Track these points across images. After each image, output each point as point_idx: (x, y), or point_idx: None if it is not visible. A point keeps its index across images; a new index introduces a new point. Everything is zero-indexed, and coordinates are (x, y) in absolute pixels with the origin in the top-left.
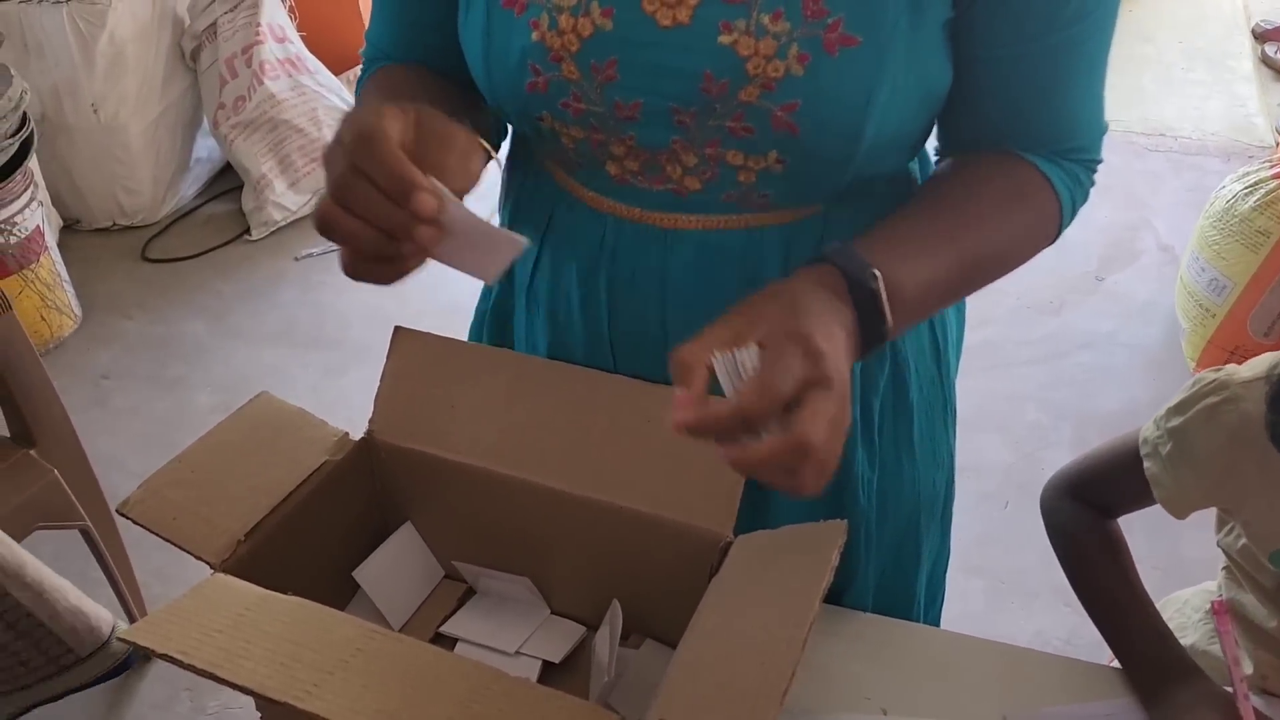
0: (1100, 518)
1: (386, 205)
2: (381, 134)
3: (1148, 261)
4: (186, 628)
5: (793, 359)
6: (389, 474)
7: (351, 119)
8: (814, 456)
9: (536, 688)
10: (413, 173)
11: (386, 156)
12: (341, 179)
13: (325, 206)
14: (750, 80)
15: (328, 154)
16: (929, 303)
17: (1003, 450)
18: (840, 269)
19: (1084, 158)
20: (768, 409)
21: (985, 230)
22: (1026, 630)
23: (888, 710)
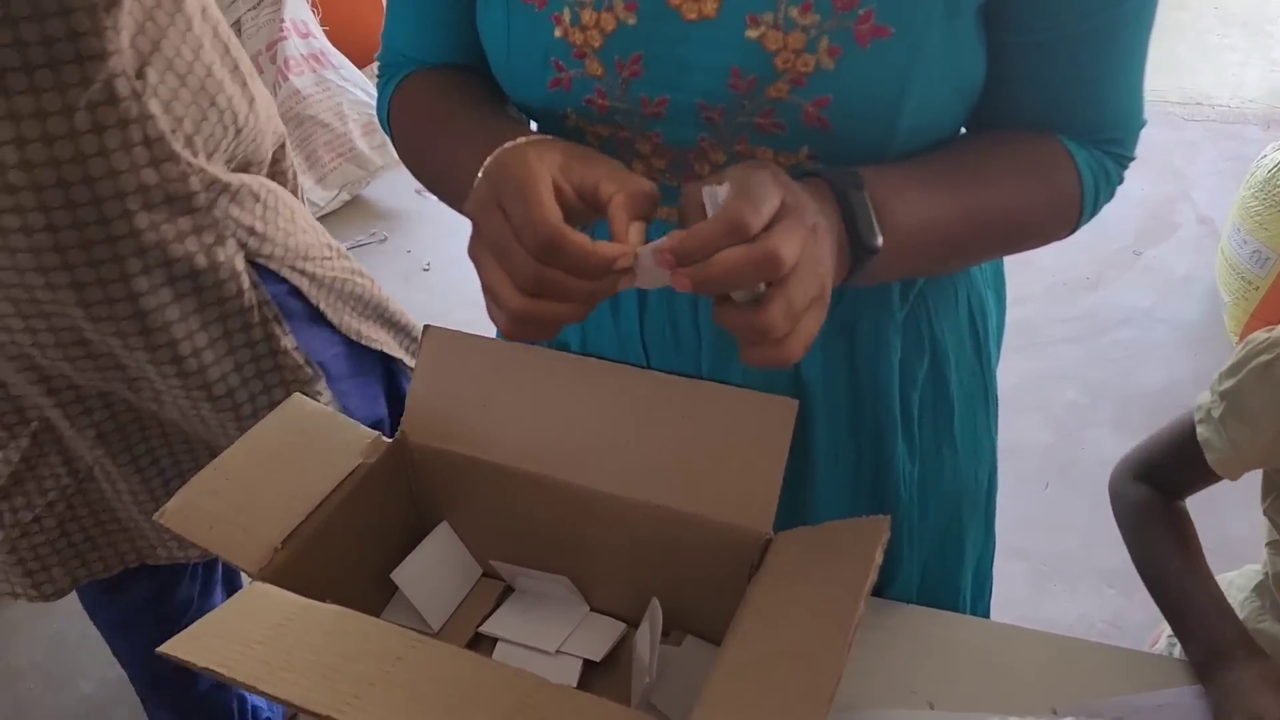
0: (1166, 499)
1: (588, 284)
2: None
3: (1186, 234)
4: (227, 640)
5: (766, 180)
6: (423, 475)
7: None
8: (786, 280)
9: (580, 695)
10: (607, 252)
11: (580, 252)
12: (539, 278)
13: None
14: (779, 75)
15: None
16: (928, 244)
17: (1042, 431)
18: (823, 177)
19: (1115, 151)
20: (756, 217)
21: (996, 187)
22: (1070, 614)
23: (934, 704)
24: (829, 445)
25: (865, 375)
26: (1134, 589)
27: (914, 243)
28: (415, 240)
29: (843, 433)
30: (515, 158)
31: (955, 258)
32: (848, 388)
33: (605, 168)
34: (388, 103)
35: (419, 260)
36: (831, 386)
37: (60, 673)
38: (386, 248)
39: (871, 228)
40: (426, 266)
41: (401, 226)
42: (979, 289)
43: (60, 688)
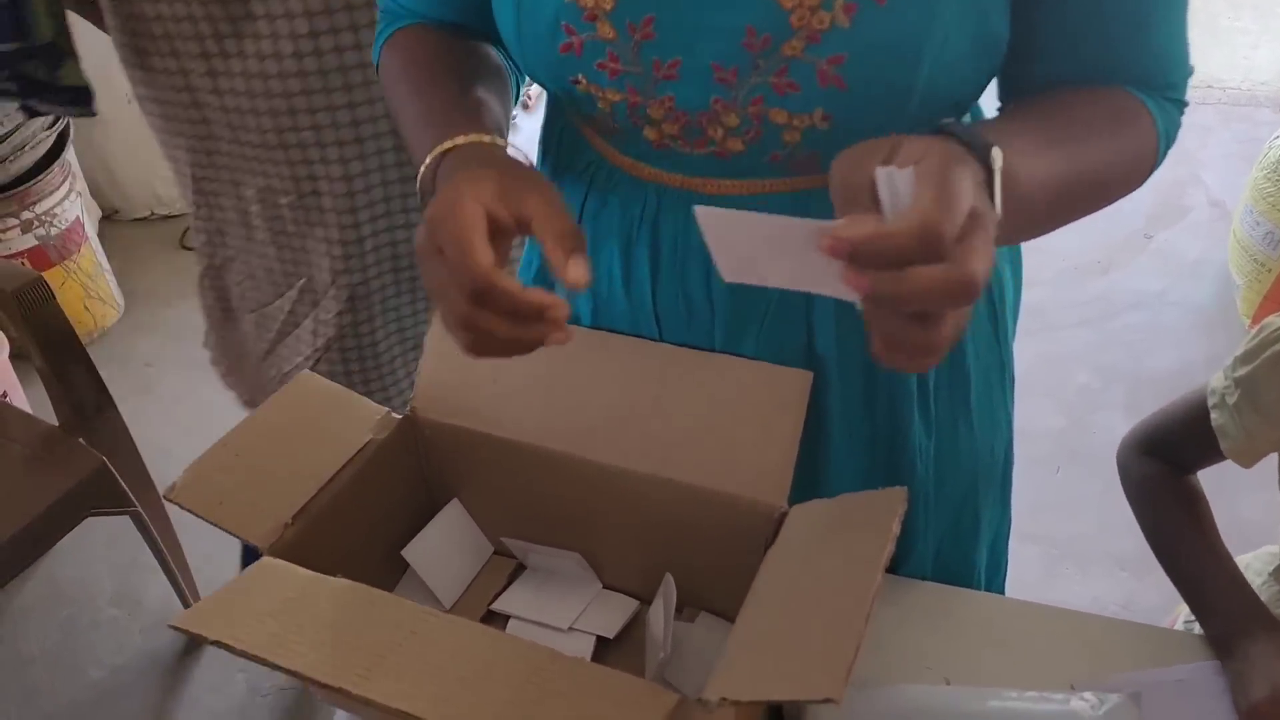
0: (1174, 472)
1: (522, 328)
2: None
3: (1198, 217)
4: (237, 613)
5: (968, 181)
6: (434, 451)
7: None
8: (970, 301)
9: (593, 667)
10: (535, 300)
11: (506, 298)
12: (470, 319)
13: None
14: (794, 33)
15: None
16: (1038, 208)
17: (1053, 415)
18: (962, 141)
19: (1174, 96)
20: (950, 225)
21: (1092, 144)
22: (1083, 597)
23: (950, 679)
24: (844, 418)
25: None
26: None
27: (1023, 209)
28: None
29: (858, 405)
30: (450, 203)
31: (1050, 222)
32: (863, 360)
33: (536, 203)
34: (379, 51)
35: None
36: (846, 358)
37: (70, 659)
38: None
39: (995, 201)
40: None
41: None
42: (996, 263)
43: (70, 674)
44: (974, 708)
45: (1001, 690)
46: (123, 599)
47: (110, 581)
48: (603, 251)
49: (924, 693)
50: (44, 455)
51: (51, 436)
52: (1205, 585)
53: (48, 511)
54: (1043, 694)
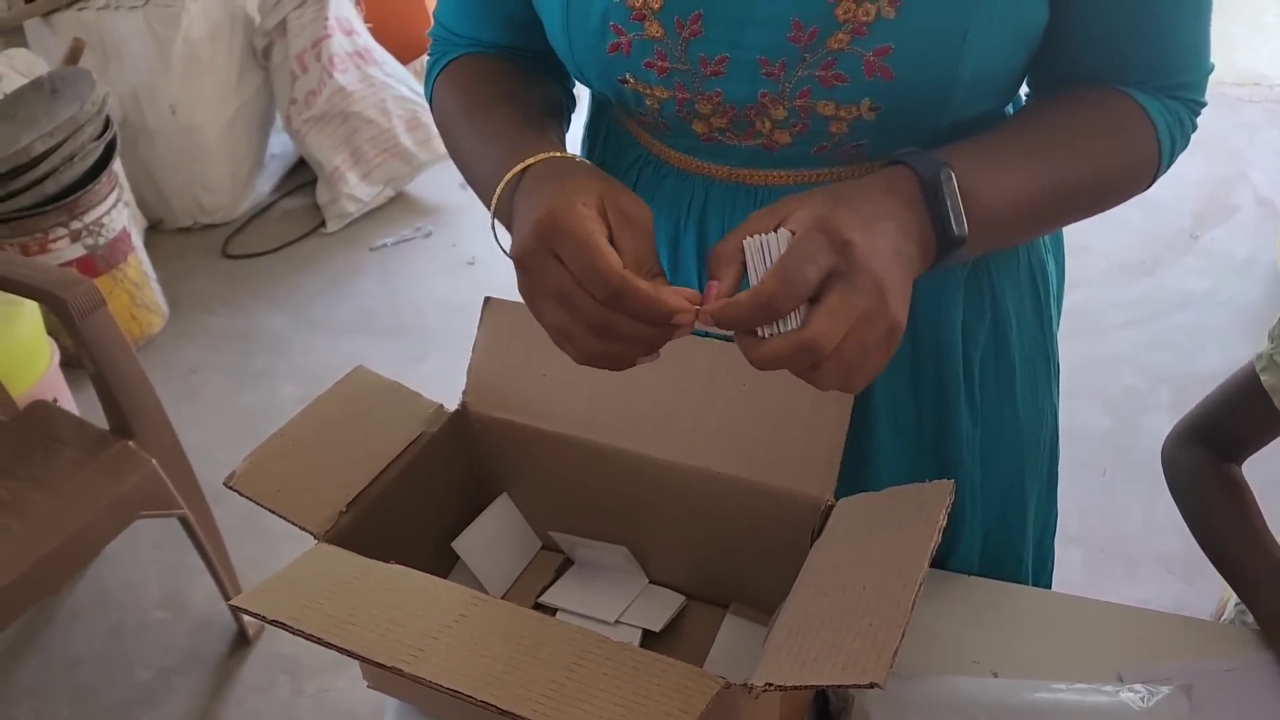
0: (1220, 461)
1: (651, 331)
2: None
3: (1245, 216)
4: (293, 596)
5: (816, 247)
6: (484, 445)
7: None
8: (827, 357)
9: (639, 652)
10: (670, 303)
11: (647, 302)
12: (605, 324)
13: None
14: (840, 26)
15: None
16: (1012, 220)
17: (1099, 416)
18: (910, 166)
19: (1186, 96)
20: (786, 297)
21: (1076, 153)
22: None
23: (998, 673)
24: (890, 408)
25: (926, 336)
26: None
27: (999, 222)
28: (460, 234)
29: (904, 395)
30: (565, 210)
31: (1038, 229)
32: (909, 350)
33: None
34: (433, 82)
35: (464, 254)
36: None
37: (119, 660)
38: (431, 242)
39: (959, 220)
40: (471, 260)
41: (446, 221)
42: (1039, 252)
43: (118, 675)
44: (1022, 699)
45: (1050, 682)
46: (169, 601)
47: (157, 585)
48: None
49: (972, 684)
50: (95, 459)
51: (102, 440)
52: (1251, 569)
53: (99, 514)
54: (1092, 686)
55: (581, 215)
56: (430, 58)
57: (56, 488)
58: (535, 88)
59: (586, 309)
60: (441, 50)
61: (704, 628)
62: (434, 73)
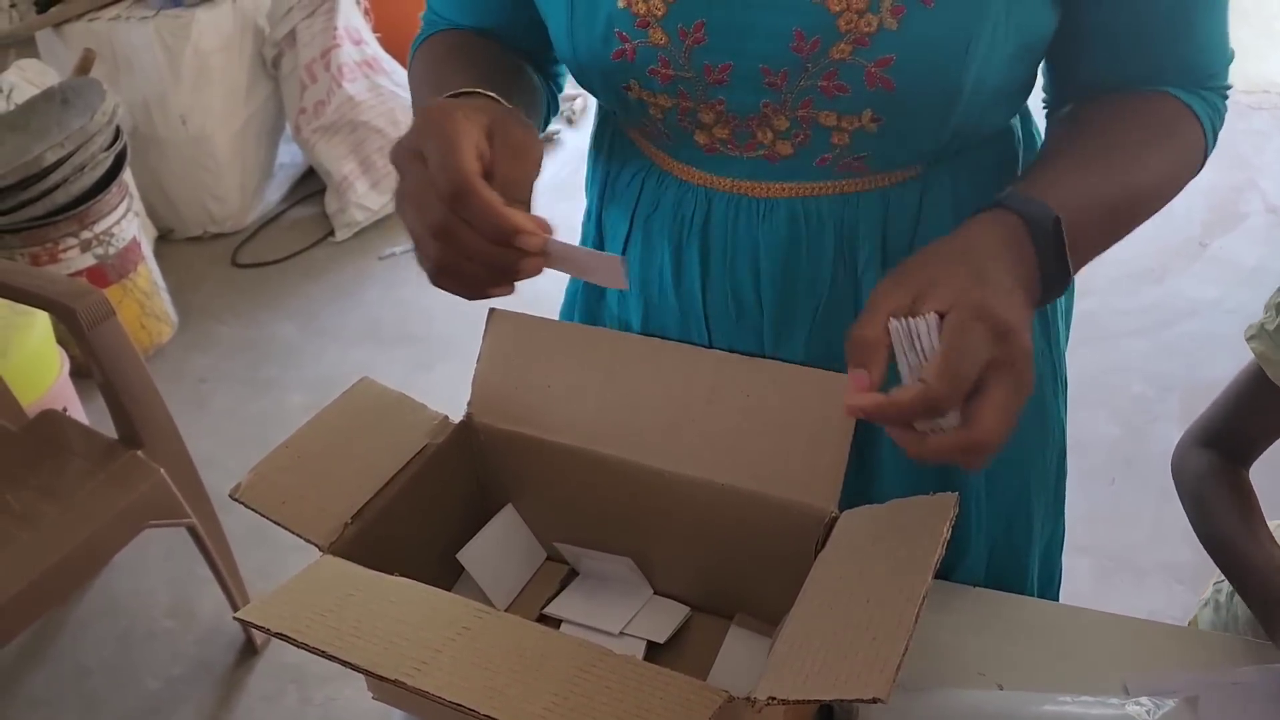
0: (1229, 464)
1: (491, 248)
2: (471, 183)
3: (1255, 224)
4: (298, 608)
5: (978, 340)
6: (489, 456)
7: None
8: (990, 451)
9: (642, 665)
10: (513, 218)
11: (487, 210)
12: (444, 227)
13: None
14: (842, 36)
15: (401, 161)
16: (1097, 241)
17: (1108, 425)
18: (1020, 214)
19: (1216, 84)
20: (951, 395)
21: (1144, 169)
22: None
23: (1003, 685)
24: None
25: None
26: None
27: (1089, 246)
28: None
29: None
30: (443, 110)
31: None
32: None
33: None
34: (413, 54)
35: None
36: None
37: (127, 670)
38: None
39: (1066, 268)
40: None
41: None
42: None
43: (127, 684)
44: (1027, 711)
45: (1055, 695)
46: (178, 611)
47: (165, 594)
48: (654, 254)
49: (977, 697)
50: (104, 468)
51: (111, 450)
52: (1256, 575)
53: (108, 523)
54: (1097, 698)
55: (454, 116)
56: (418, 37)
57: (66, 497)
58: (504, 63)
59: (431, 209)
60: (427, 30)
61: (708, 639)
62: (415, 45)
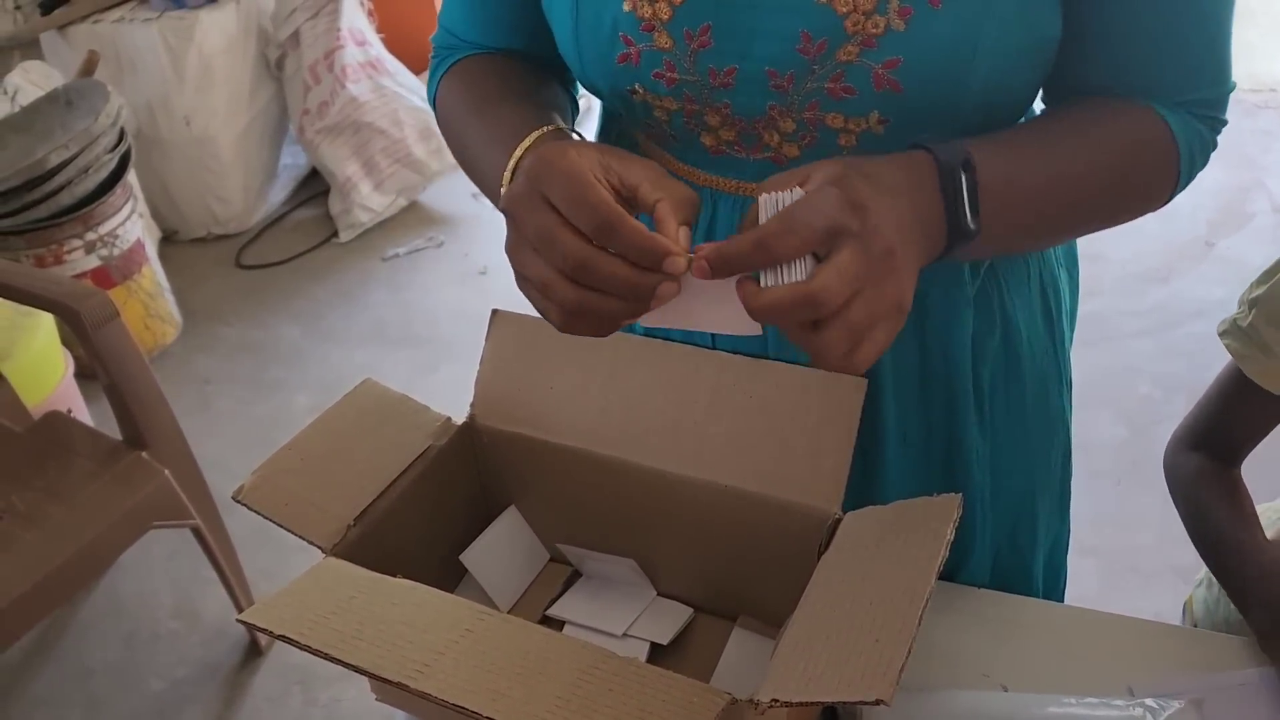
0: (1220, 467)
1: (637, 275)
2: (617, 213)
3: (1261, 224)
4: (301, 610)
5: (828, 199)
6: (492, 457)
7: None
8: (832, 317)
9: (645, 667)
10: (664, 242)
11: (633, 234)
12: (586, 263)
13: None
14: (849, 38)
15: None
16: (1025, 220)
17: (1114, 426)
18: (930, 151)
19: (1206, 113)
20: (786, 239)
21: (1095, 156)
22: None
23: (1008, 686)
24: (898, 423)
25: (936, 351)
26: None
27: (1012, 220)
28: (472, 244)
29: (913, 410)
30: (556, 152)
31: (1050, 233)
32: (918, 364)
33: (645, 171)
34: (436, 86)
35: (476, 264)
36: (901, 363)
37: (132, 671)
38: (443, 252)
39: (974, 212)
40: (483, 270)
41: (458, 230)
42: (1052, 266)
43: (131, 686)
44: (1032, 713)
45: (1060, 696)
46: (182, 612)
47: (170, 595)
48: None
49: (981, 699)
50: (108, 469)
51: (115, 451)
52: (1246, 576)
53: (112, 524)
54: (1102, 700)
55: (571, 156)
56: (433, 61)
57: (70, 498)
58: (542, 85)
59: (567, 247)
60: (445, 54)
61: (712, 640)
62: (438, 75)
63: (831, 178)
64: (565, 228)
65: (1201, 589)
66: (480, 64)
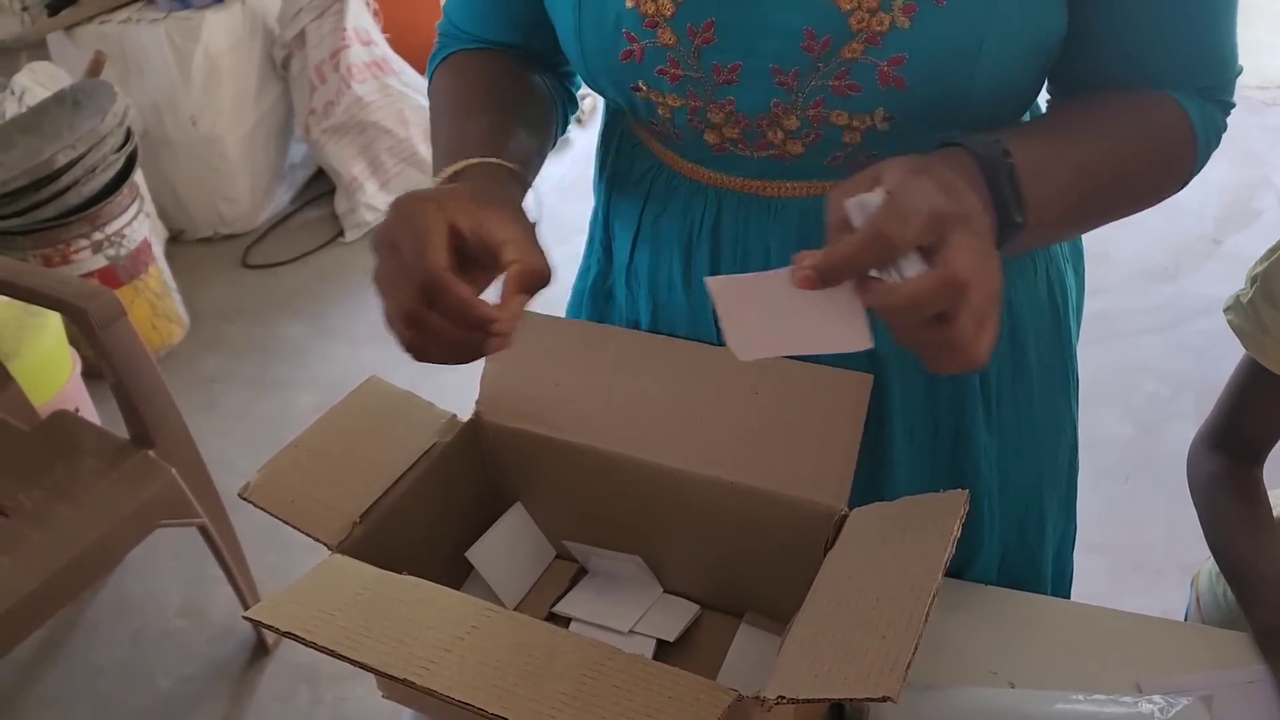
0: (1240, 467)
1: (463, 334)
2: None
3: (1269, 220)
4: (307, 607)
5: (924, 186)
6: (497, 454)
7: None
8: (969, 296)
9: (651, 664)
10: (482, 310)
11: (456, 304)
12: (414, 316)
13: (409, 339)
14: (854, 35)
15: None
16: (1063, 209)
17: (1122, 424)
18: (968, 149)
19: (1218, 97)
20: (899, 228)
21: (1119, 140)
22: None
23: (1015, 683)
24: (905, 419)
25: None
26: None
27: (1051, 212)
28: None
29: (919, 407)
30: (419, 201)
31: (1080, 222)
32: None
33: (511, 232)
34: (431, 74)
35: None
36: (907, 359)
37: (140, 669)
38: None
39: (1018, 207)
40: None
41: None
42: (1058, 263)
43: (139, 684)
44: (1040, 710)
45: (1068, 693)
46: (190, 610)
47: (177, 593)
48: (663, 256)
49: (989, 695)
50: (115, 468)
51: (123, 450)
52: (1253, 577)
53: (120, 523)
54: (1110, 696)
55: (428, 210)
56: (436, 47)
57: (78, 497)
58: (523, 93)
59: (403, 300)
60: (445, 43)
61: (718, 637)
62: (435, 63)
63: (910, 169)
64: (404, 278)
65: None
66: (471, 61)
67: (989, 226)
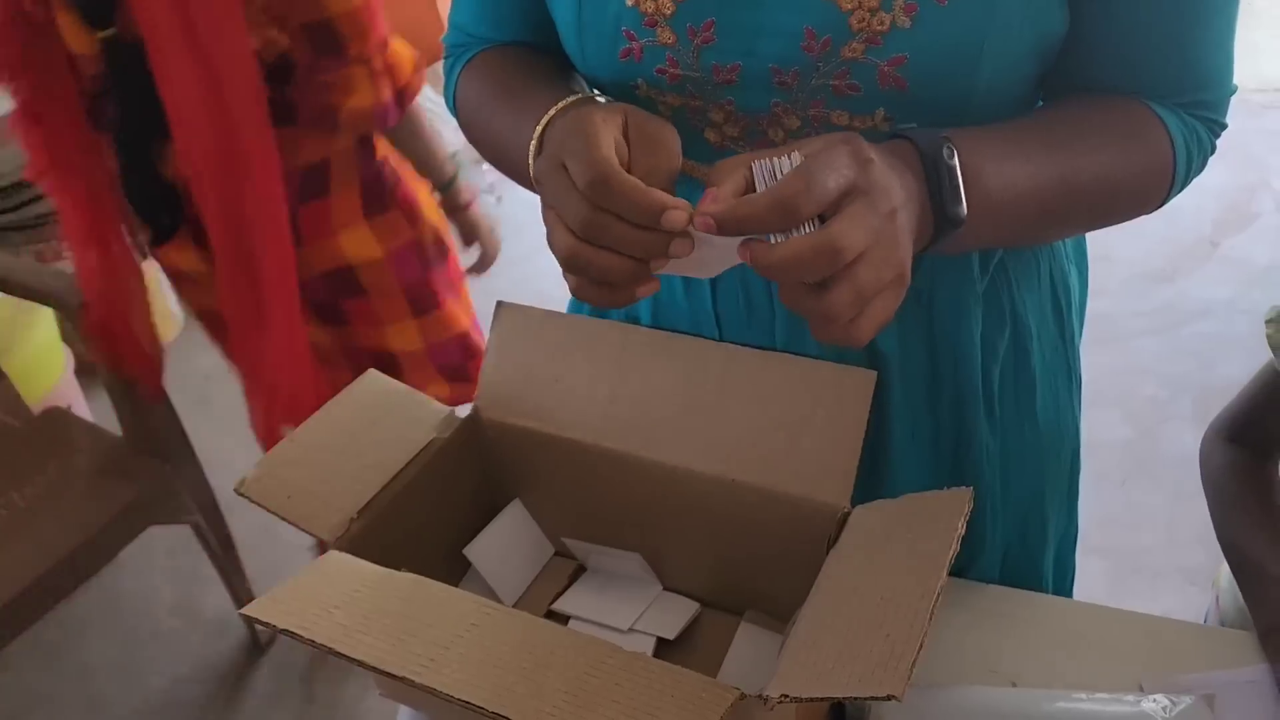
0: (1255, 461)
1: (638, 234)
2: (611, 169)
3: (1267, 223)
4: (305, 604)
5: (840, 156)
6: (496, 451)
7: (562, 140)
8: (853, 268)
9: (652, 662)
10: (659, 197)
11: (630, 192)
12: (589, 221)
13: (574, 247)
14: (854, 35)
15: (544, 175)
16: (1015, 211)
17: (1120, 426)
18: (910, 139)
19: (1205, 115)
20: (807, 198)
21: (1088, 151)
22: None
23: (1017, 682)
24: (907, 418)
25: (944, 347)
26: None
27: (1001, 212)
28: None
29: (921, 405)
30: (579, 115)
31: (1042, 229)
32: (927, 360)
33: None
34: (454, 82)
35: None
36: (909, 358)
37: (132, 668)
38: None
39: (957, 198)
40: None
41: None
42: (1061, 263)
43: (132, 683)
44: (1042, 709)
45: (1070, 692)
46: (182, 609)
47: (170, 592)
48: None
49: (991, 694)
50: (109, 466)
51: (116, 447)
52: (1260, 575)
53: (112, 520)
54: (1113, 695)
55: (592, 119)
56: (447, 60)
57: (70, 494)
58: (564, 70)
59: (574, 207)
60: (459, 52)
61: (719, 635)
62: (455, 72)
63: (832, 141)
64: (575, 190)
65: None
66: (500, 54)
67: (903, 210)
